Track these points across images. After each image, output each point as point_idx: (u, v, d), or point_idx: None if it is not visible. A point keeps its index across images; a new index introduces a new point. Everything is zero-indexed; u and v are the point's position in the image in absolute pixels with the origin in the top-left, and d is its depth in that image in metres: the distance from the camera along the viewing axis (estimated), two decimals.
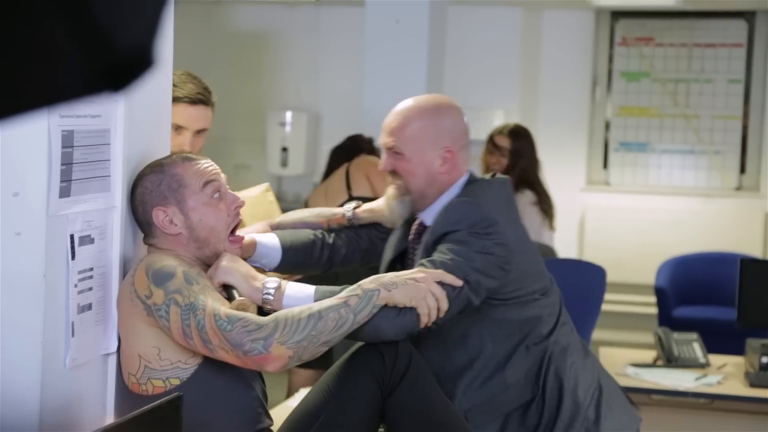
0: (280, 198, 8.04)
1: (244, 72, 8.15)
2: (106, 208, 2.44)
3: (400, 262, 2.89)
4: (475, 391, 2.70)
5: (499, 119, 7.61)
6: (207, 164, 2.55)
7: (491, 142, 5.55)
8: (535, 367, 2.72)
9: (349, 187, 4.87)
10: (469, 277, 2.56)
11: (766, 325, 4.62)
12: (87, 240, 2.36)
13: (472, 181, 2.78)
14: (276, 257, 2.83)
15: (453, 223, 2.63)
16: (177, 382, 2.41)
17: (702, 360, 4.50)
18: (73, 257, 2.31)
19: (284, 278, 2.60)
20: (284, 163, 8.02)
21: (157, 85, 2.65)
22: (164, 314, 2.34)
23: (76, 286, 2.32)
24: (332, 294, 2.46)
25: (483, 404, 2.70)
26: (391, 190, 2.81)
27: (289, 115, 8.02)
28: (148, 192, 2.49)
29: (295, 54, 8.23)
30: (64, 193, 2.26)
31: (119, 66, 0.70)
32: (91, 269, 2.38)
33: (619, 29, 8.08)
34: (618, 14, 8.06)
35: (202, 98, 3.08)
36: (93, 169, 2.37)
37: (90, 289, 2.38)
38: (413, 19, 5.83)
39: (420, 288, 2.46)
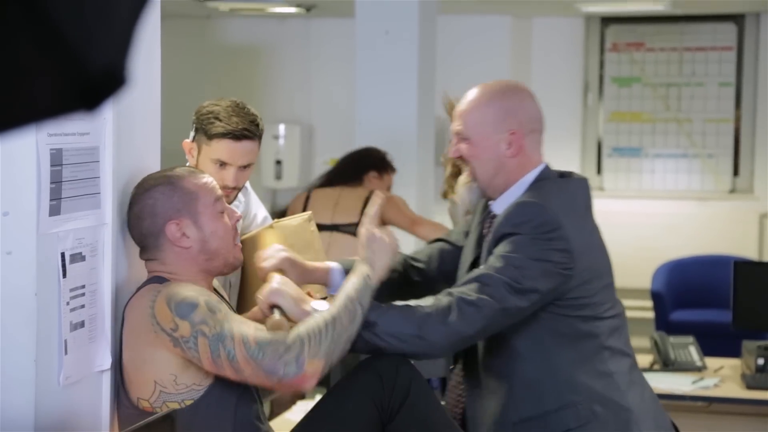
0: (274, 211, 8.04)
1: (236, 86, 8.16)
2: (97, 225, 2.44)
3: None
4: (528, 403, 2.60)
5: None
6: (211, 179, 2.59)
7: None
8: (594, 391, 2.59)
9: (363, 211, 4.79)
10: (523, 284, 2.48)
11: (762, 327, 4.63)
12: (78, 257, 2.36)
13: (545, 177, 2.68)
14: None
15: (515, 224, 2.54)
16: (190, 402, 2.43)
17: (698, 363, 4.51)
18: (64, 275, 2.31)
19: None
20: (278, 176, 8.03)
21: (146, 99, 2.66)
22: (193, 346, 2.36)
23: (68, 303, 2.33)
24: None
25: (535, 418, 2.60)
26: (463, 177, 2.77)
27: (282, 128, 8.03)
28: (160, 204, 2.48)
29: (286, 67, 8.24)
30: (54, 211, 2.27)
31: (91, 85, 0.71)
32: (83, 287, 2.38)
33: (609, 35, 8.10)
34: (608, 20, 8.08)
35: (247, 134, 2.92)
36: (83, 187, 2.37)
37: (82, 306, 2.38)
38: (403, 29, 5.85)
39: (384, 244, 2.56)
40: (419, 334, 2.45)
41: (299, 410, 3.49)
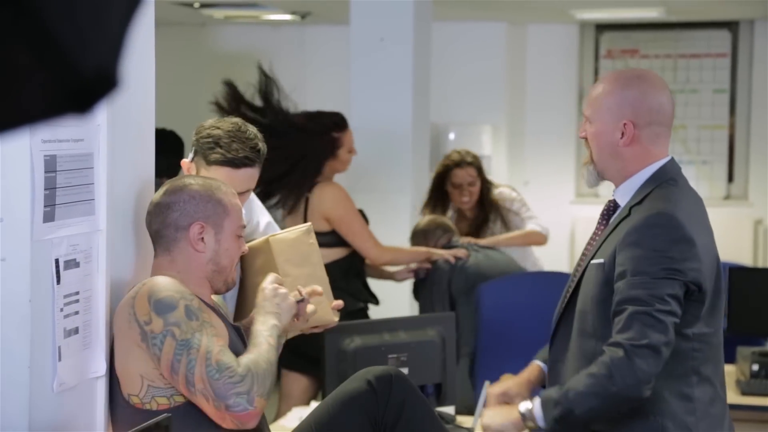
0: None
1: None
2: (91, 232, 2.44)
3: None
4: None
5: (487, 134, 7.63)
6: (240, 204, 2.66)
7: (450, 182, 5.33)
8: (671, 409, 2.58)
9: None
10: (671, 306, 2.49)
11: (756, 333, 4.63)
12: (72, 264, 2.36)
13: (668, 172, 2.66)
14: None
15: (650, 236, 2.53)
16: (181, 399, 2.44)
17: None
18: (58, 281, 2.31)
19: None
20: None
21: (140, 106, 2.66)
22: (158, 344, 2.39)
23: (62, 310, 2.32)
24: (549, 398, 2.53)
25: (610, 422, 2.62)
26: (586, 156, 2.80)
27: None
28: (194, 204, 2.54)
29: (281, 74, 8.22)
30: (48, 217, 2.27)
31: (83, 87, 0.71)
32: (77, 293, 2.38)
33: (603, 42, 8.11)
34: (602, 27, 8.10)
35: (247, 162, 2.88)
36: (77, 193, 2.37)
37: (76, 313, 2.38)
38: (398, 36, 5.85)
39: (288, 302, 2.61)
40: (614, 394, 2.48)
41: (293, 416, 3.49)
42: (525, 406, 2.58)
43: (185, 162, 2.96)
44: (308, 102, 8.20)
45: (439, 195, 5.46)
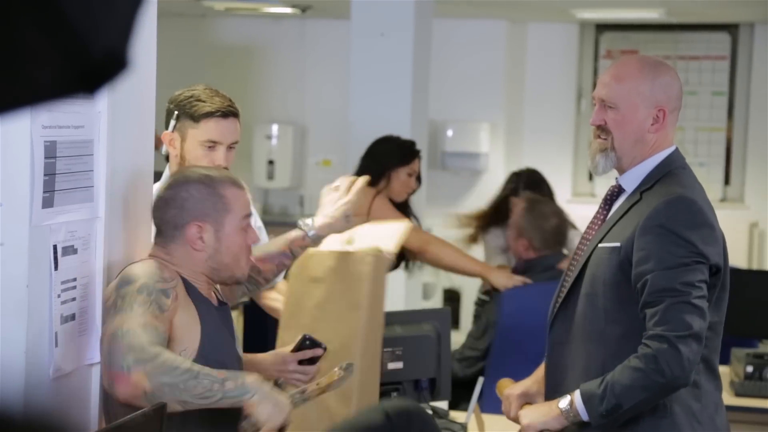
0: (266, 212, 8.04)
1: (230, 85, 8.14)
2: (90, 219, 2.44)
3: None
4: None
5: (485, 131, 7.64)
6: (247, 195, 2.58)
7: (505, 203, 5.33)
8: (679, 392, 2.60)
9: None
10: (702, 289, 2.51)
11: (751, 334, 4.65)
12: (70, 250, 2.37)
13: (677, 159, 2.69)
14: None
15: (674, 220, 2.54)
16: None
17: None
18: (56, 267, 2.31)
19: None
20: (270, 176, 8.03)
21: (141, 94, 2.66)
22: (111, 311, 2.35)
23: (59, 296, 2.33)
24: (592, 394, 2.52)
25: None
26: (594, 144, 2.74)
27: (275, 128, 8.02)
28: (194, 200, 2.47)
29: (280, 67, 8.24)
30: (48, 203, 2.27)
31: (93, 68, 0.71)
32: (75, 279, 2.39)
33: (603, 42, 8.12)
34: (602, 27, 8.10)
35: (232, 110, 2.96)
36: (76, 180, 2.37)
37: (73, 299, 2.38)
38: (398, 32, 5.85)
39: (280, 411, 2.30)
40: (663, 385, 2.50)
41: None
42: (564, 402, 2.58)
43: (167, 133, 2.96)
44: (307, 96, 8.21)
45: (496, 210, 5.41)
